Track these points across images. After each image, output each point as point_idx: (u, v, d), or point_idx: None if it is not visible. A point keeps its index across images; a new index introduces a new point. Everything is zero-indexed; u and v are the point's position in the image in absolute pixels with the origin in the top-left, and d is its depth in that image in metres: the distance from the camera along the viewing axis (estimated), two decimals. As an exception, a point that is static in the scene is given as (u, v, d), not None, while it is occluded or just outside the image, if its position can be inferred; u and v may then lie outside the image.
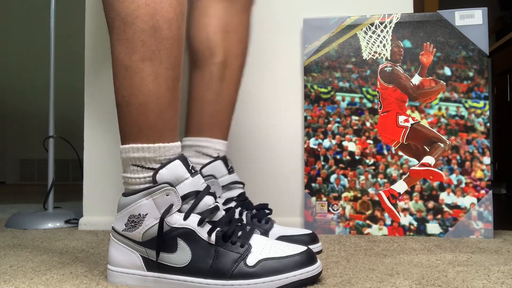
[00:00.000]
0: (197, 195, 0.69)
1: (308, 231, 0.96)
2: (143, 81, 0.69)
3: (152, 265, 0.69)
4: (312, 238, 0.95)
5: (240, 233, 0.70)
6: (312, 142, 1.24)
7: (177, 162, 0.69)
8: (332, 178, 1.22)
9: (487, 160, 1.16)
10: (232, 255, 0.66)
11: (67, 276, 0.75)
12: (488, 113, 1.18)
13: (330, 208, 1.22)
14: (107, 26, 0.72)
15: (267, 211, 0.99)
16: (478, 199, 1.15)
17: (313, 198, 1.23)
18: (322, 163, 1.23)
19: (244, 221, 0.94)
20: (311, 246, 0.93)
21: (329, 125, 1.24)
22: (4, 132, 4.33)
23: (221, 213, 0.71)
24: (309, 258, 0.67)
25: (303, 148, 1.29)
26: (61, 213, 1.41)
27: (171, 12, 0.69)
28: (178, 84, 0.72)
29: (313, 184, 1.23)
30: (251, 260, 0.66)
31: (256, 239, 0.70)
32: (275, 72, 1.32)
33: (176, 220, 0.68)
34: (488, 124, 1.18)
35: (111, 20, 0.70)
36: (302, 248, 0.69)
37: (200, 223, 0.67)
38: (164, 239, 0.67)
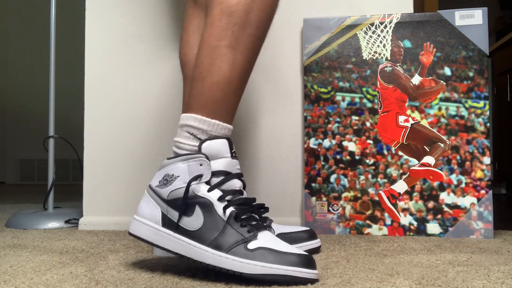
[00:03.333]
0: (226, 176, 0.76)
1: (306, 228, 0.97)
2: (222, 64, 0.78)
3: (167, 223, 0.76)
4: (310, 235, 0.95)
5: (253, 223, 0.74)
6: (312, 142, 1.24)
7: (223, 140, 0.78)
8: (332, 178, 1.22)
9: (487, 160, 1.16)
10: (237, 236, 0.71)
11: (67, 276, 0.75)
12: (488, 113, 1.18)
13: (330, 208, 1.22)
14: (206, 9, 0.82)
15: (262, 210, 0.99)
16: (478, 199, 1.15)
17: (313, 198, 1.23)
18: (322, 163, 1.23)
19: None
20: (309, 242, 0.94)
21: (329, 125, 1.24)
22: (4, 132, 4.33)
23: (243, 198, 0.77)
24: (307, 262, 0.69)
25: (303, 148, 1.29)
26: (61, 213, 1.41)
27: (263, 14, 0.80)
28: (248, 75, 0.82)
29: (313, 184, 1.23)
30: (252, 245, 0.70)
31: (265, 234, 0.73)
32: (275, 72, 1.32)
33: (201, 189, 0.75)
34: (488, 124, 1.18)
35: (211, 7, 0.80)
36: (306, 253, 0.70)
37: (221, 199, 0.74)
38: (186, 202, 0.75)
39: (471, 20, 1.19)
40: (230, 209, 0.73)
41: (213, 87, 0.78)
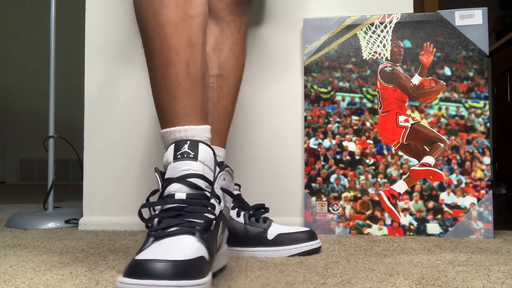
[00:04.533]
0: (166, 183, 0.70)
1: (306, 229, 0.97)
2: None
3: None
4: (310, 235, 0.95)
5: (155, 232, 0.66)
6: (312, 142, 1.24)
7: (171, 146, 0.73)
8: (332, 178, 1.22)
9: (487, 160, 1.16)
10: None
11: (67, 276, 0.75)
12: (488, 113, 1.18)
13: (330, 208, 1.22)
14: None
15: (263, 210, 0.99)
16: (478, 199, 1.15)
17: (313, 198, 1.23)
18: (322, 163, 1.23)
19: (242, 221, 0.95)
20: (310, 243, 0.94)
21: (329, 125, 1.24)
22: (4, 132, 4.33)
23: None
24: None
25: (303, 148, 1.29)
26: (61, 213, 1.41)
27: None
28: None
29: (313, 184, 1.23)
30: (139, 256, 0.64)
31: (161, 243, 0.64)
32: (275, 72, 1.32)
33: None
34: (488, 124, 1.18)
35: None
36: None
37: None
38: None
39: (471, 20, 1.19)
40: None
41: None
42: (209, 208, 0.68)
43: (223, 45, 1.05)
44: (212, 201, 0.70)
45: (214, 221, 0.68)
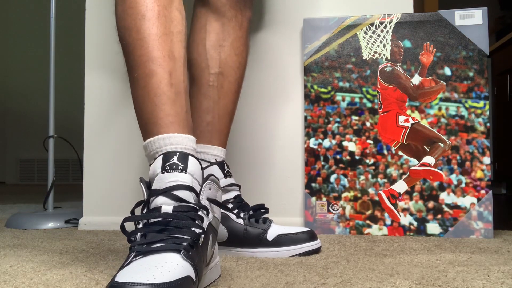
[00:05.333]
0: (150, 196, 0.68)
1: (307, 229, 0.97)
2: None
3: None
4: (310, 236, 0.95)
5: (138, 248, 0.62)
6: (312, 142, 1.24)
7: (159, 158, 0.70)
8: (332, 178, 1.22)
9: (487, 160, 1.16)
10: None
11: (67, 276, 0.75)
12: (488, 113, 1.18)
13: (330, 208, 1.22)
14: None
15: (263, 211, 0.99)
16: (478, 199, 1.15)
17: (313, 198, 1.23)
18: (322, 163, 1.23)
19: (242, 222, 0.95)
20: (310, 243, 0.94)
21: (329, 125, 1.24)
22: (4, 132, 4.33)
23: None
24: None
25: (303, 148, 1.29)
26: (61, 213, 1.41)
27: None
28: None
29: (313, 184, 1.23)
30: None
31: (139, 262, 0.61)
32: (275, 72, 1.32)
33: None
34: (488, 124, 1.18)
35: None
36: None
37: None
38: None
39: (471, 20, 1.19)
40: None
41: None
42: (197, 221, 0.65)
43: (224, 42, 1.03)
44: (200, 213, 0.66)
45: (203, 236, 0.64)
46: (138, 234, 0.64)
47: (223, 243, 0.94)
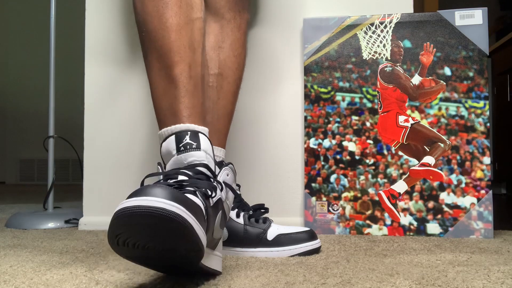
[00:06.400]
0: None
1: (306, 229, 0.97)
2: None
3: None
4: (310, 235, 0.95)
5: None
6: (312, 142, 1.24)
7: (171, 138, 0.74)
8: (332, 178, 1.22)
9: (487, 160, 1.16)
10: None
11: (67, 276, 0.75)
12: (488, 113, 1.18)
13: (330, 208, 1.22)
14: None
15: (263, 211, 0.99)
16: (478, 199, 1.15)
17: (313, 198, 1.23)
18: (322, 163, 1.23)
19: (242, 222, 0.95)
20: (310, 243, 0.94)
21: (329, 125, 1.24)
22: (4, 132, 4.33)
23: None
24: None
25: (303, 148, 1.29)
26: (61, 213, 1.41)
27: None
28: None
29: (313, 184, 1.23)
30: None
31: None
32: (275, 72, 1.32)
33: None
34: (488, 124, 1.18)
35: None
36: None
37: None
38: None
39: (471, 20, 1.19)
40: None
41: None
42: (212, 184, 0.69)
43: (223, 43, 1.04)
44: (215, 183, 0.71)
45: (216, 195, 0.68)
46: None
47: (223, 242, 0.94)
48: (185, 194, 0.61)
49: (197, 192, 0.64)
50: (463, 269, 0.78)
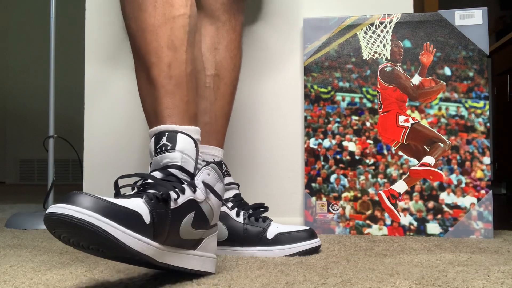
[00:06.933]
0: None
1: (306, 227, 0.97)
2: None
3: None
4: (310, 234, 0.95)
5: None
6: (312, 142, 1.24)
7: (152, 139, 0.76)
8: (332, 178, 1.22)
9: (487, 160, 1.16)
10: None
11: (67, 276, 0.75)
12: (488, 113, 1.18)
13: (330, 208, 1.22)
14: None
15: (262, 210, 0.99)
16: (478, 199, 1.15)
17: (313, 198, 1.23)
18: (322, 163, 1.23)
19: (242, 221, 0.95)
20: (310, 242, 0.94)
21: (329, 125, 1.24)
22: (4, 132, 4.33)
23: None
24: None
25: (303, 148, 1.29)
26: (61, 213, 1.41)
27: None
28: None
29: (313, 184, 1.23)
30: None
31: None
32: (275, 72, 1.32)
33: None
34: (488, 124, 1.18)
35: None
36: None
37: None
38: None
39: (471, 20, 1.19)
40: None
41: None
42: (176, 189, 0.68)
43: (219, 45, 1.05)
44: (185, 186, 0.70)
45: (176, 199, 0.67)
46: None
47: (223, 242, 0.94)
48: (121, 200, 0.62)
49: (143, 197, 0.64)
50: (463, 269, 0.78)
